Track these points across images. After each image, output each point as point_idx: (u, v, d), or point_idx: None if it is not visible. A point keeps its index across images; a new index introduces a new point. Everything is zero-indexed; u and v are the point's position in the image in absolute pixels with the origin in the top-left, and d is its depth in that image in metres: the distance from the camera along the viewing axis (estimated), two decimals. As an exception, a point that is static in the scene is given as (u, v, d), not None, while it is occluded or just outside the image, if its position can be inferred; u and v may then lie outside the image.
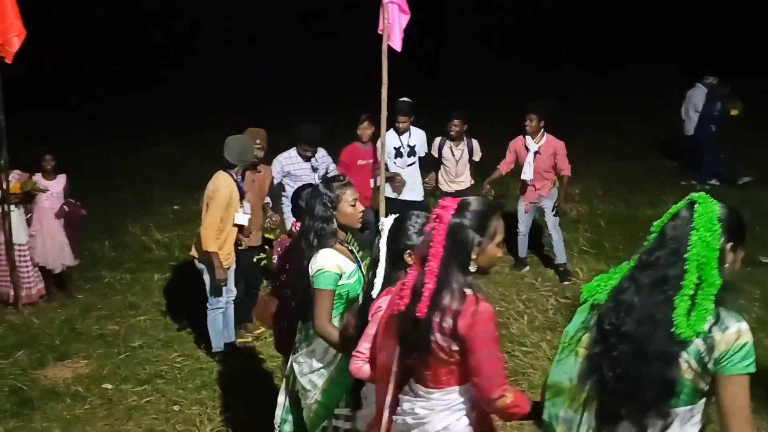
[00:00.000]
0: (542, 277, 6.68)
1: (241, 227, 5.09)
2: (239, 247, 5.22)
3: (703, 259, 1.95)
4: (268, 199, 5.76)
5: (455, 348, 2.22)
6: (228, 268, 5.08)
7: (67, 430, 4.43)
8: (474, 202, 2.31)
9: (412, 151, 6.55)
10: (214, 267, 4.90)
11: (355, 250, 3.33)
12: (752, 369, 1.90)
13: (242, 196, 5.03)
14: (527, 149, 6.41)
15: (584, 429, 2.05)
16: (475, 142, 6.70)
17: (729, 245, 2.01)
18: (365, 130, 6.33)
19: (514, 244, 6.77)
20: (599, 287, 2.12)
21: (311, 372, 3.22)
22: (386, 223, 2.78)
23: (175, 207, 9.35)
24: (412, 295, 2.27)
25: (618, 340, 1.99)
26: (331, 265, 3.05)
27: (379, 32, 5.73)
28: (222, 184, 4.85)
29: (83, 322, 6.01)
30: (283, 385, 3.50)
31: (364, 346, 2.61)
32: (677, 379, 1.93)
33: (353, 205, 3.18)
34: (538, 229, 7.50)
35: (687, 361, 1.92)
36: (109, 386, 4.94)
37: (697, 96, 9.78)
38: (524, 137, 6.47)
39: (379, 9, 5.62)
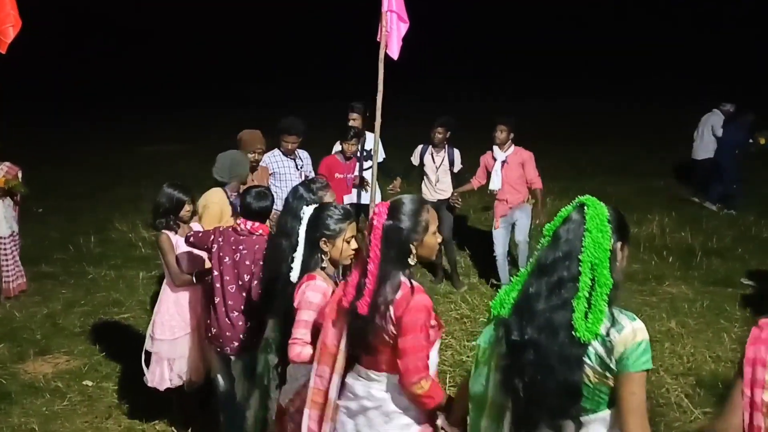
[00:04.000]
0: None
1: None
2: None
3: (596, 260, 1.97)
4: None
5: (395, 335, 2.37)
6: None
7: (46, 426, 4.37)
8: (403, 201, 2.45)
9: (368, 155, 6.44)
10: None
11: None
12: (649, 365, 1.94)
13: (234, 213, 4.74)
14: (495, 159, 6.37)
15: None
16: (456, 152, 6.59)
17: (619, 244, 2.04)
18: (351, 146, 6.22)
19: (493, 268, 6.55)
20: (503, 300, 2.14)
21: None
22: (306, 212, 2.92)
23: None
24: (355, 292, 2.43)
25: (524, 350, 2.00)
26: None
27: (377, 41, 5.74)
28: (212, 200, 4.61)
29: (66, 318, 5.97)
30: (255, 383, 3.34)
31: (301, 332, 2.74)
32: (581, 383, 1.95)
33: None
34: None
35: (590, 366, 1.95)
36: (90, 383, 4.89)
37: (715, 121, 9.77)
38: (492, 148, 6.41)
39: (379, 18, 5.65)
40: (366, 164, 6.48)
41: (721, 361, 5.01)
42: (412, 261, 2.43)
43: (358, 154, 6.50)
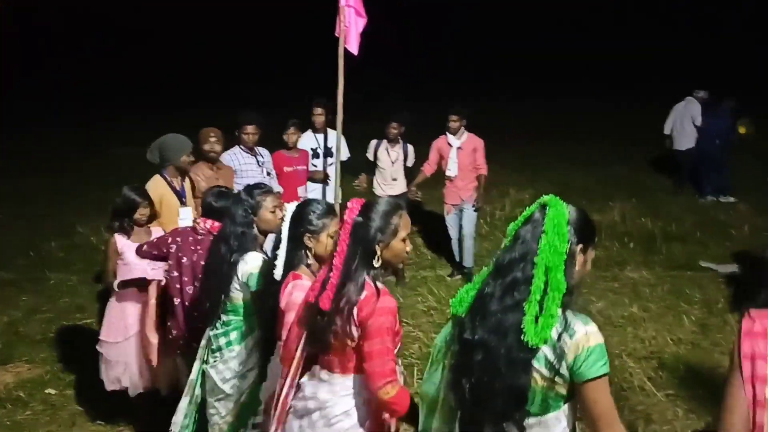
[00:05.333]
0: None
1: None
2: None
3: (550, 264, 1.91)
4: None
5: (356, 335, 2.34)
6: None
7: (8, 436, 4.30)
8: (377, 202, 2.46)
9: (329, 152, 6.45)
10: None
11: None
12: (606, 369, 1.87)
13: (180, 199, 4.77)
14: (450, 146, 6.58)
15: None
16: (410, 147, 6.79)
17: (579, 247, 1.99)
18: (291, 135, 6.19)
19: (450, 251, 6.88)
20: (462, 299, 2.09)
21: (235, 377, 3.24)
22: (289, 208, 2.92)
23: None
24: (320, 288, 2.42)
25: (474, 350, 1.96)
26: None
27: (336, 35, 5.72)
28: (150, 188, 4.60)
29: (27, 325, 5.85)
30: (186, 389, 3.45)
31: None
32: (527, 388, 1.90)
33: (273, 212, 3.32)
34: (484, 234, 7.66)
35: (538, 370, 1.89)
36: (53, 391, 4.81)
37: (693, 110, 9.67)
38: (446, 135, 6.62)
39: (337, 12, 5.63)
40: (329, 160, 6.47)
41: (682, 343, 5.14)
42: (376, 263, 2.40)
43: (319, 151, 6.48)
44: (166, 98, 16.47)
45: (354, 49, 5.74)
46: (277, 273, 2.84)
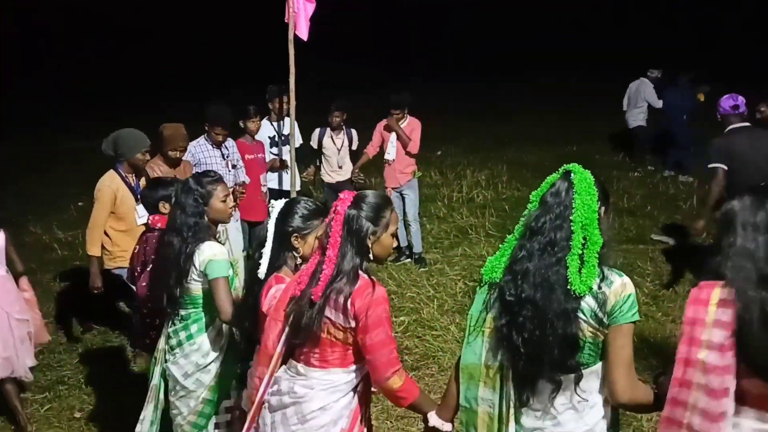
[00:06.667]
0: (451, 261, 6.84)
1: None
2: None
3: (586, 221, 2.09)
4: None
5: (350, 328, 2.33)
6: None
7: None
8: (370, 195, 2.45)
9: (286, 140, 6.43)
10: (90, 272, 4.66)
11: (229, 247, 3.34)
12: (637, 317, 2.09)
13: (135, 196, 4.65)
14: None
15: (505, 402, 2.14)
16: (353, 132, 6.83)
17: (603, 209, 2.18)
18: (254, 123, 6.14)
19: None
20: (494, 266, 2.23)
21: (198, 370, 3.16)
22: (276, 205, 2.82)
23: (80, 204, 8.92)
24: (309, 279, 2.39)
25: (520, 307, 2.10)
26: (220, 252, 3.07)
27: (285, 21, 5.67)
28: (104, 183, 4.56)
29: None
30: (150, 396, 3.35)
31: None
32: (578, 335, 2.06)
33: (224, 201, 3.24)
34: (442, 216, 7.71)
35: (584, 320, 2.06)
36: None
37: (647, 91, 9.79)
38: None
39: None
40: (284, 148, 6.43)
41: (635, 315, 5.27)
42: (368, 255, 2.40)
43: (277, 139, 6.44)
44: (166, 98, 16.13)
45: (304, 35, 5.70)
46: (261, 272, 2.75)
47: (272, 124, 6.46)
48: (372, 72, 17.43)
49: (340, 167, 6.78)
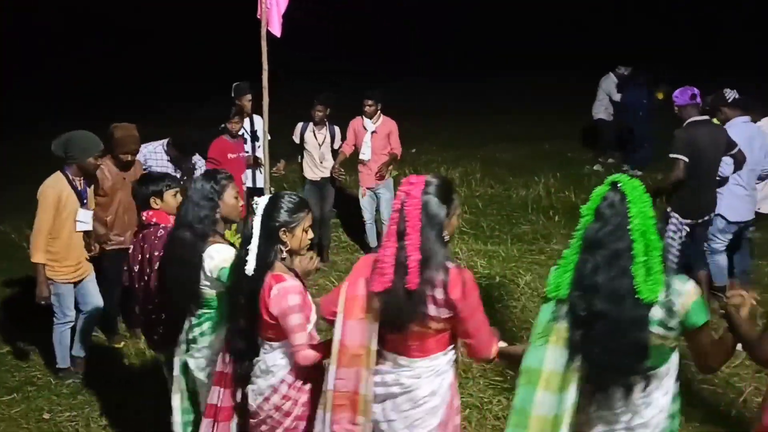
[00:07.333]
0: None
1: (87, 233, 4.64)
2: (107, 249, 4.87)
3: (644, 228, 2.16)
4: None
5: (446, 316, 2.40)
6: (80, 281, 4.66)
7: None
8: (436, 179, 2.48)
9: (255, 136, 6.41)
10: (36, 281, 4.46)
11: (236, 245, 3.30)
12: (709, 316, 2.22)
13: (81, 200, 4.50)
14: (365, 129, 6.63)
15: (565, 406, 2.21)
16: (336, 129, 6.79)
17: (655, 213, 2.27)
18: (235, 124, 6.13)
19: (362, 233, 7.00)
20: (558, 283, 2.29)
21: (209, 365, 3.18)
22: (260, 202, 2.81)
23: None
24: (396, 269, 2.35)
25: (593, 321, 2.18)
26: (230, 257, 3.04)
27: (258, 17, 5.62)
28: (48, 185, 4.36)
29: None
30: (174, 387, 3.35)
31: (303, 336, 2.69)
32: (648, 340, 2.16)
33: (236, 198, 3.24)
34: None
35: (651, 331, 2.17)
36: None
37: (609, 85, 10.09)
38: (362, 119, 6.65)
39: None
40: (256, 144, 6.40)
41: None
42: (446, 239, 2.45)
43: (246, 135, 6.41)
44: (166, 98, 16.25)
45: (276, 31, 5.65)
46: (249, 268, 2.73)
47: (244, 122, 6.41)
48: (372, 72, 17.43)
49: (322, 162, 6.71)
